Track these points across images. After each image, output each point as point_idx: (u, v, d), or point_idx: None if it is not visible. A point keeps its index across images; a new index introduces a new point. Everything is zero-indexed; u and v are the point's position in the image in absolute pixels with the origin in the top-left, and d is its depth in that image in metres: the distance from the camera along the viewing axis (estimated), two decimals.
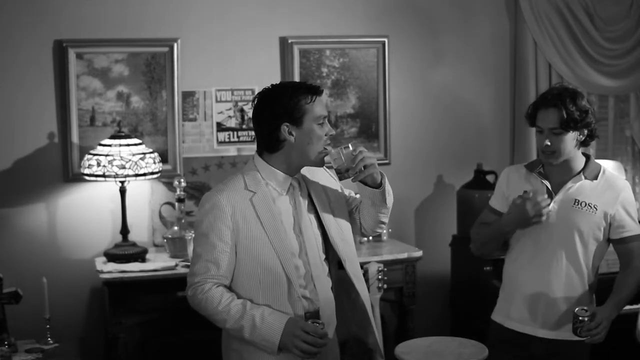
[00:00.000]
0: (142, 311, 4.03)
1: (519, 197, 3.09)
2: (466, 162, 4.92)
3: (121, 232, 4.25)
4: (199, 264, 2.67)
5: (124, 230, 4.24)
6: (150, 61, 4.40)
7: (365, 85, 4.79)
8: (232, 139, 4.58)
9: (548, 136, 3.10)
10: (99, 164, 4.06)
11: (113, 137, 4.16)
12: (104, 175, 4.06)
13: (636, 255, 3.19)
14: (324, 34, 4.68)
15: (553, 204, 3.13)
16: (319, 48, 4.68)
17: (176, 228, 4.27)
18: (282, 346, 2.60)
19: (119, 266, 4.07)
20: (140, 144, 4.19)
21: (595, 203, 3.14)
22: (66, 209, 4.34)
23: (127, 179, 4.10)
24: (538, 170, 3.22)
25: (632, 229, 3.18)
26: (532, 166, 3.27)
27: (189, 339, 4.20)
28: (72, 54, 4.26)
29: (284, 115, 2.63)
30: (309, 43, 4.65)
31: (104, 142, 4.15)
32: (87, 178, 4.15)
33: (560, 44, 4.94)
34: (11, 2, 4.20)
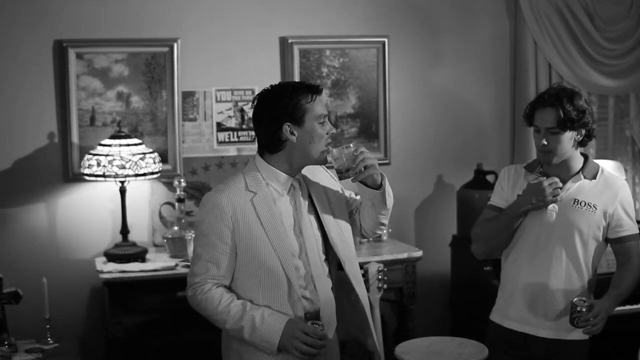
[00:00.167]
0: (142, 311, 4.03)
1: (535, 179, 3.11)
2: (466, 162, 4.92)
3: (121, 232, 4.25)
4: (199, 264, 2.67)
5: (124, 230, 4.24)
6: (150, 61, 4.40)
7: (365, 85, 4.79)
8: (232, 139, 4.58)
9: (545, 135, 3.10)
10: (99, 164, 4.06)
11: (113, 137, 4.16)
12: (104, 175, 4.06)
13: (634, 254, 3.21)
14: (324, 34, 4.68)
15: (555, 203, 3.14)
16: (319, 48, 4.68)
17: (176, 228, 4.27)
18: (282, 347, 2.60)
19: (119, 266, 4.07)
20: (140, 144, 4.19)
21: (595, 202, 3.15)
22: (66, 209, 4.34)
23: (127, 179, 4.10)
24: (539, 170, 3.22)
25: (629, 228, 3.20)
26: (532, 166, 3.27)
27: (189, 339, 4.20)
28: (72, 54, 4.26)
29: (285, 115, 2.63)
30: (309, 43, 4.65)
31: (104, 142, 4.15)
32: (87, 178, 4.15)
33: (560, 44, 4.94)
34: (11, 2, 4.19)
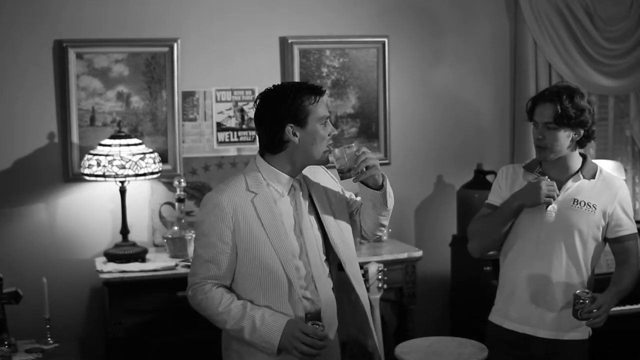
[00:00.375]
0: (142, 311, 4.02)
1: (536, 178, 3.12)
2: (466, 162, 4.92)
3: (121, 232, 4.25)
4: (199, 264, 2.67)
5: (124, 230, 4.24)
6: (150, 61, 4.40)
7: (365, 85, 4.79)
8: (232, 139, 4.58)
9: (542, 130, 3.12)
10: (99, 164, 4.06)
11: (113, 137, 4.16)
12: (104, 175, 4.06)
13: (633, 254, 3.22)
14: (324, 34, 4.68)
15: (554, 203, 3.14)
16: (319, 48, 4.68)
17: (176, 228, 4.27)
18: (282, 347, 2.60)
19: (119, 266, 4.07)
20: (140, 144, 4.19)
21: (594, 202, 3.15)
22: (66, 209, 4.34)
23: (127, 179, 4.10)
24: (538, 170, 3.22)
25: (628, 227, 3.20)
26: (531, 166, 3.27)
27: (189, 339, 4.20)
28: (72, 54, 4.26)
29: (288, 116, 2.62)
30: (309, 43, 4.65)
31: (104, 142, 4.15)
32: (87, 178, 4.15)
33: (560, 44, 4.94)
34: (11, 2, 4.19)
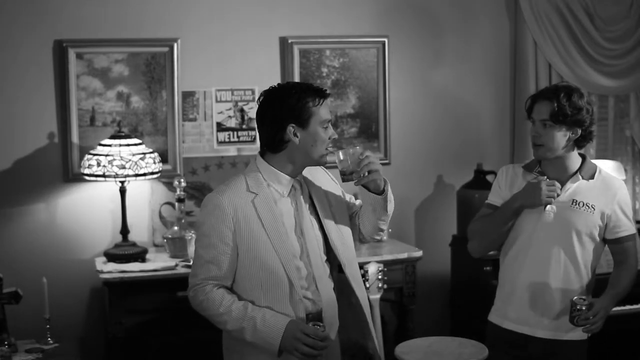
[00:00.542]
0: (142, 311, 4.02)
1: (535, 178, 3.13)
2: (466, 162, 4.92)
3: (121, 232, 4.25)
4: (200, 265, 2.68)
5: (124, 230, 4.24)
6: (150, 61, 4.40)
7: (365, 85, 4.79)
8: (232, 139, 4.58)
9: (538, 128, 3.13)
10: (99, 164, 4.06)
11: (113, 137, 4.16)
12: (104, 175, 4.06)
13: (631, 254, 3.22)
14: (324, 34, 4.68)
15: (553, 203, 3.14)
16: (319, 48, 4.68)
17: (176, 228, 4.27)
18: (283, 348, 2.60)
19: (119, 266, 4.07)
20: (140, 144, 4.19)
21: (593, 203, 3.15)
22: (66, 209, 4.34)
23: (127, 179, 4.10)
24: (537, 170, 3.22)
25: (627, 228, 3.21)
26: (530, 166, 3.27)
27: (189, 339, 4.20)
28: (72, 54, 4.26)
29: (291, 116, 2.63)
30: (309, 43, 4.65)
31: (104, 142, 4.15)
32: (87, 178, 4.15)
33: (560, 44, 4.94)
34: (11, 2, 4.19)
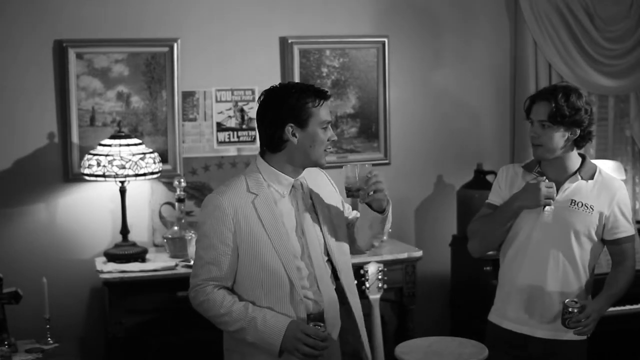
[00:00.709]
0: (142, 311, 4.02)
1: (534, 178, 3.13)
2: (466, 162, 4.92)
3: (121, 232, 4.25)
4: (201, 266, 2.68)
5: (124, 230, 4.24)
6: (150, 61, 4.40)
7: (365, 85, 4.79)
8: (232, 139, 4.58)
9: (536, 128, 3.14)
10: (99, 164, 4.06)
11: (113, 137, 4.16)
12: (104, 175, 4.06)
13: (629, 256, 3.22)
14: (324, 34, 4.67)
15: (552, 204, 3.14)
16: (319, 48, 4.68)
17: (176, 228, 4.27)
18: (284, 349, 2.60)
19: (119, 266, 4.07)
20: (140, 144, 4.19)
21: (592, 203, 3.16)
22: (66, 209, 4.33)
23: (127, 179, 4.10)
24: (537, 170, 3.22)
25: (626, 230, 3.21)
26: (530, 166, 3.28)
27: (189, 339, 4.20)
28: (72, 54, 4.26)
29: (290, 116, 2.63)
30: (309, 43, 4.65)
31: (104, 142, 4.15)
32: (87, 178, 4.15)
33: (560, 44, 4.94)
34: (11, 2, 4.19)
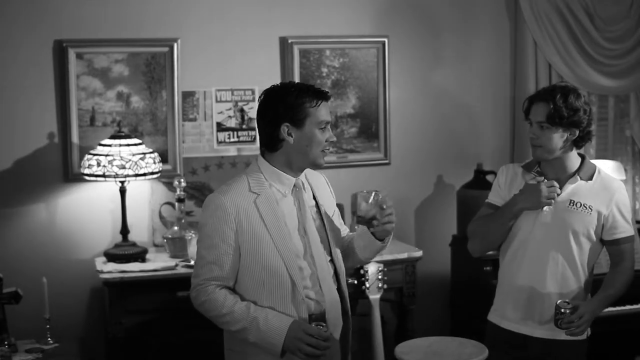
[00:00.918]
0: (142, 311, 4.02)
1: (533, 178, 3.14)
2: (466, 162, 4.92)
3: (121, 232, 4.25)
4: (202, 265, 2.68)
5: (124, 230, 4.24)
6: (150, 61, 4.40)
7: (365, 85, 4.79)
8: (232, 139, 4.58)
9: (535, 129, 3.15)
10: (99, 164, 4.06)
11: (113, 137, 4.16)
12: (104, 175, 4.06)
13: (628, 256, 3.22)
14: (324, 34, 4.67)
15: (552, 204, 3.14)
16: (319, 48, 4.68)
17: (176, 228, 4.27)
18: (286, 349, 2.60)
19: (119, 266, 4.07)
20: (140, 144, 4.19)
21: (591, 204, 3.16)
22: (66, 209, 4.33)
23: (127, 179, 4.10)
24: (536, 170, 3.23)
25: (625, 230, 3.21)
26: (529, 166, 3.28)
27: (189, 339, 4.20)
28: (72, 54, 4.26)
29: (286, 115, 2.64)
30: (309, 43, 4.65)
31: (104, 142, 4.15)
32: (87, 178, 4.15)
33: (560, 44, 4.94)
34: (11, 2, 4.19)
